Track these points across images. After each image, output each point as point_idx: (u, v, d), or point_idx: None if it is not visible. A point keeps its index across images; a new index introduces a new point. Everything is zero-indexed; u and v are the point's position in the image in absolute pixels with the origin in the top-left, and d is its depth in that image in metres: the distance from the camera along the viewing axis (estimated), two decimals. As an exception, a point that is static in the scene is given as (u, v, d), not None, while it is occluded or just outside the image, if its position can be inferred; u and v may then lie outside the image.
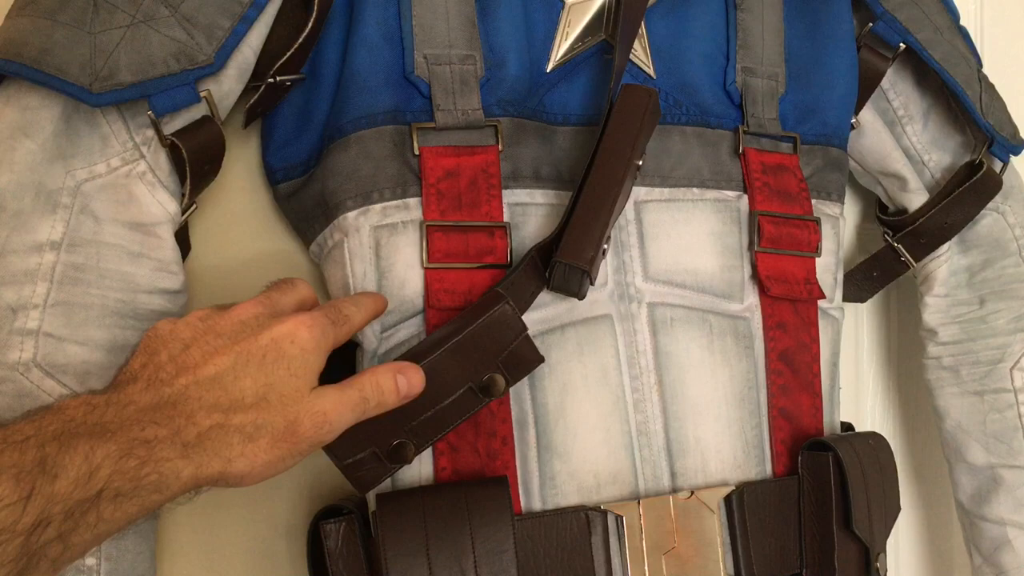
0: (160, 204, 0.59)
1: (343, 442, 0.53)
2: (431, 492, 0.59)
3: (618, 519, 0.63)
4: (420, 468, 0.61)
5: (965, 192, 0.80)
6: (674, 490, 0.66)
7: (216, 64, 0.57)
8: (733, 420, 0.68)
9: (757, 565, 0.67)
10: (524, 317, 0.59)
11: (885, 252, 0.87)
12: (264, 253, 0.72)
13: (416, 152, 0.62)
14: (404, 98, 0.63)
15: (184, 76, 0.56)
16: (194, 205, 0.64)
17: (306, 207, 0.67)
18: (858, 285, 0.90)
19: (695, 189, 0.70)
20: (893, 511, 0.73)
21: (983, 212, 0.82)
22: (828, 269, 0.75)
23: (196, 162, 0.60)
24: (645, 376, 0.66)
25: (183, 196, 0.61)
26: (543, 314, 0.63)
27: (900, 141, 0.83)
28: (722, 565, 0.65)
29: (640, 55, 0.69)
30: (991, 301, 0.83)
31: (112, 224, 0.57)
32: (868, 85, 0.79)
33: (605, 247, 0.62)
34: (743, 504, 0.67)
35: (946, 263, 0.85)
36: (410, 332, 0.62)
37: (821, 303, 0.74)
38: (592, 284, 0.61)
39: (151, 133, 0.58)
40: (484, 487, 0.59)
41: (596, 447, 0.64)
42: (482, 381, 0.58)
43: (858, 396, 0.99)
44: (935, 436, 0.91)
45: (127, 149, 0.58)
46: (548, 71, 0.67)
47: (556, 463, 0.63)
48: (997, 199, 0.82)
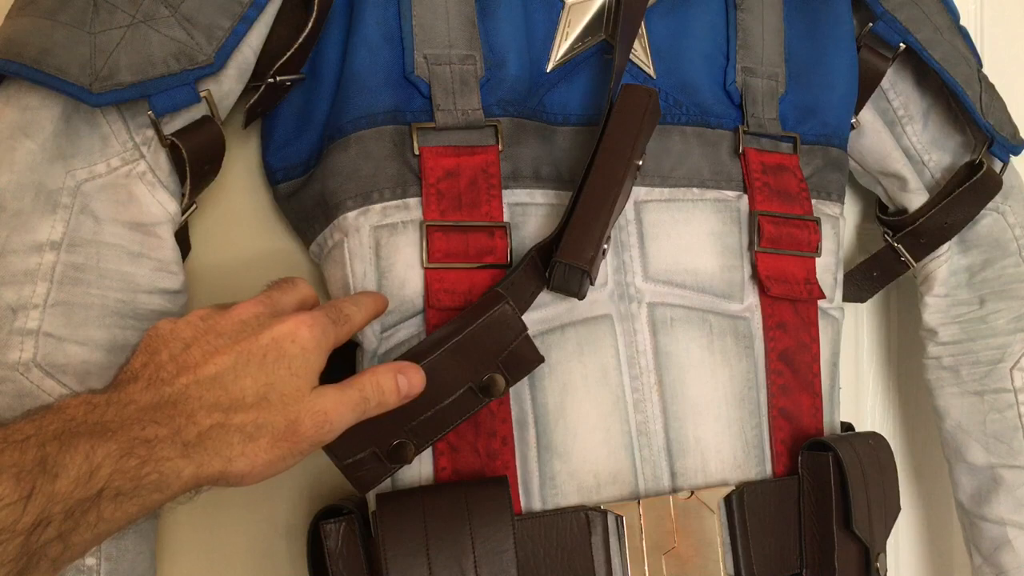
0: (160, 204, 0.59)
1: (343, 442, 0.53)
2: (431, 492, 0.59)
3: (618, 519, 0.63)
4: (420, 468, 0.61)
5: (965, 192, 0.80)
6: (674, 490, 0.66)
7: (216, 64, 0.57)
8: (733, 420, 0.68)
9: (757, 565, 0.67)
10: (524, 317, 0.59)
11: (885, 252, 0.87)
12: (264, 253, 0.72)
13: (416, 152, 0.62)
14: (404, 98, 0.63)
15: (184, 76, 0.56)
16: (194, 205, 0.64)
17: (306, 207, 0.67)
18: (858, 285, 0.90)
19: (695, 189, 0.70)
20: (893, 511, 0.73)
21: (983, 212, 0.82)
22: (828, 269, 0.75)
23: (196, 162, 0.60)
24: (645, 376, 0.66)
25: (183, 196, 0.61)
26: (543, 314, 0.63)
27: (900, 141, 0.83)
28: (722, 565, 0.65)
29: (640, 55, 0.69)
30: (991, 301, 0.83)
31: (112, 224, 0.57)
32: (868, 85, 0.79)
33: (605, 247, 0.62)
34: (743, 504, 0.67)
35: (946, 263, 0.85)
36: (410, 332, 0.62)
37: (821, 303, 0.74)
38: (592, 284, 0.61)
39: (151, 133, 0.58)
40: (484, 487, 0.59)
41: (596, 447, 0.64)
42: (482, 381, 0.58)
43: (858, 396, 0.99)
44: (935, 436, 0.91)
45: (127, 149, 0.58)
46: (548, 71, 0.67)
47: (556, 463, 0.63)
48: (997, 199, 0.82)
